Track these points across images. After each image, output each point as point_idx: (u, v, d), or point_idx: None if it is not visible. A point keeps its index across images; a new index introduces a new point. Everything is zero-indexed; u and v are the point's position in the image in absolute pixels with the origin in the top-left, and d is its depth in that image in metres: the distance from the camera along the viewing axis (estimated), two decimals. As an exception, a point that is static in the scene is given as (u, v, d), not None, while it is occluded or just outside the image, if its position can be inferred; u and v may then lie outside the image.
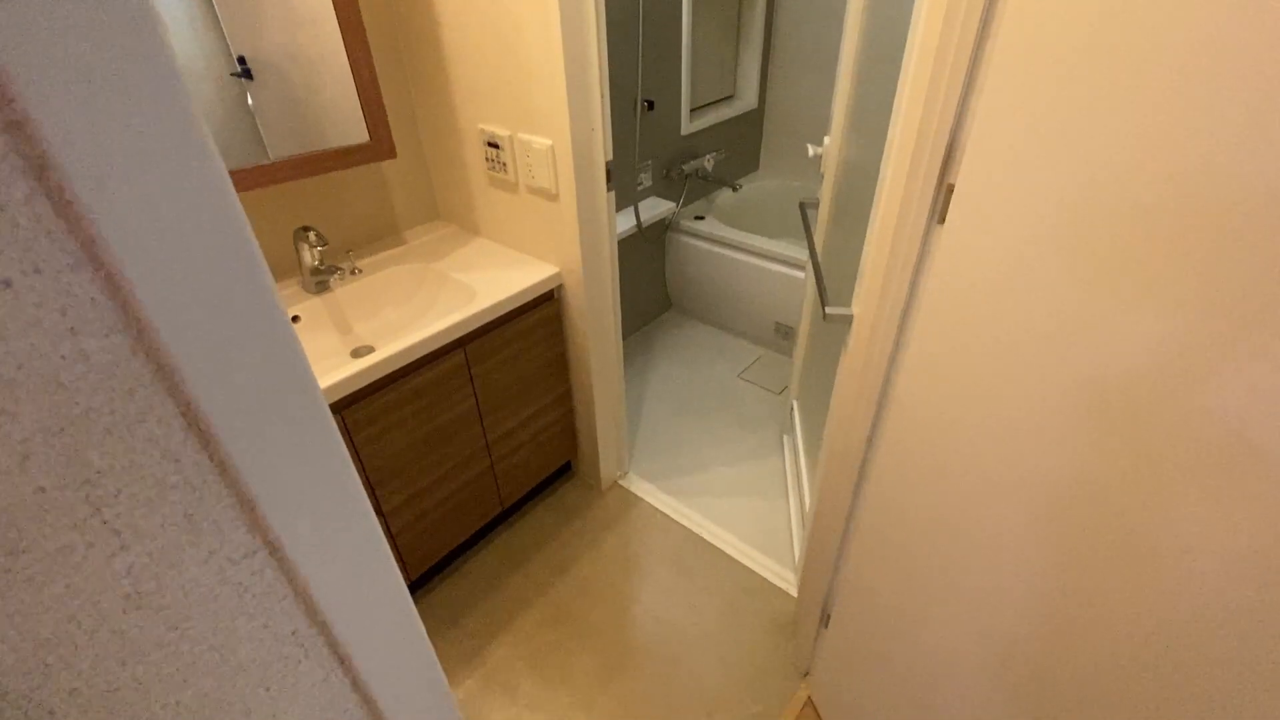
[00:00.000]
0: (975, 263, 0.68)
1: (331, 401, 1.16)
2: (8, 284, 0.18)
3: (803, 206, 1.55)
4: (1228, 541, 0.56)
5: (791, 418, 2.06)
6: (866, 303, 0.88)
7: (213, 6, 1.17)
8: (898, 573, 0.97)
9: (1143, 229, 0.54)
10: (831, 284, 1.48)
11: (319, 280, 1.40)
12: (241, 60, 1.25)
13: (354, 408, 1.21)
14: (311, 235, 1.34)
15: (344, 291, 1.44)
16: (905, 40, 0.75)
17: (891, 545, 0.96)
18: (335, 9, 1.27)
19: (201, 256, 0.22)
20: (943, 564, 0.87)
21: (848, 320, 0.98)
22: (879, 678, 1.11)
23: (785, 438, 2.11)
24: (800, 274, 2.29)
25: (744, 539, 1.77)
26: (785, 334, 2.47)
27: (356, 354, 1.41)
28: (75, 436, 0.21)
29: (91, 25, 0.18)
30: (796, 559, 1.68)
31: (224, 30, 1.20)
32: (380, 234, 1.63)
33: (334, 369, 1.17)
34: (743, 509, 1.86)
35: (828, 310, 1.01)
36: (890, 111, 0.80)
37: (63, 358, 0.20)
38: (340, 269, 1.43)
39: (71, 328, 0.20)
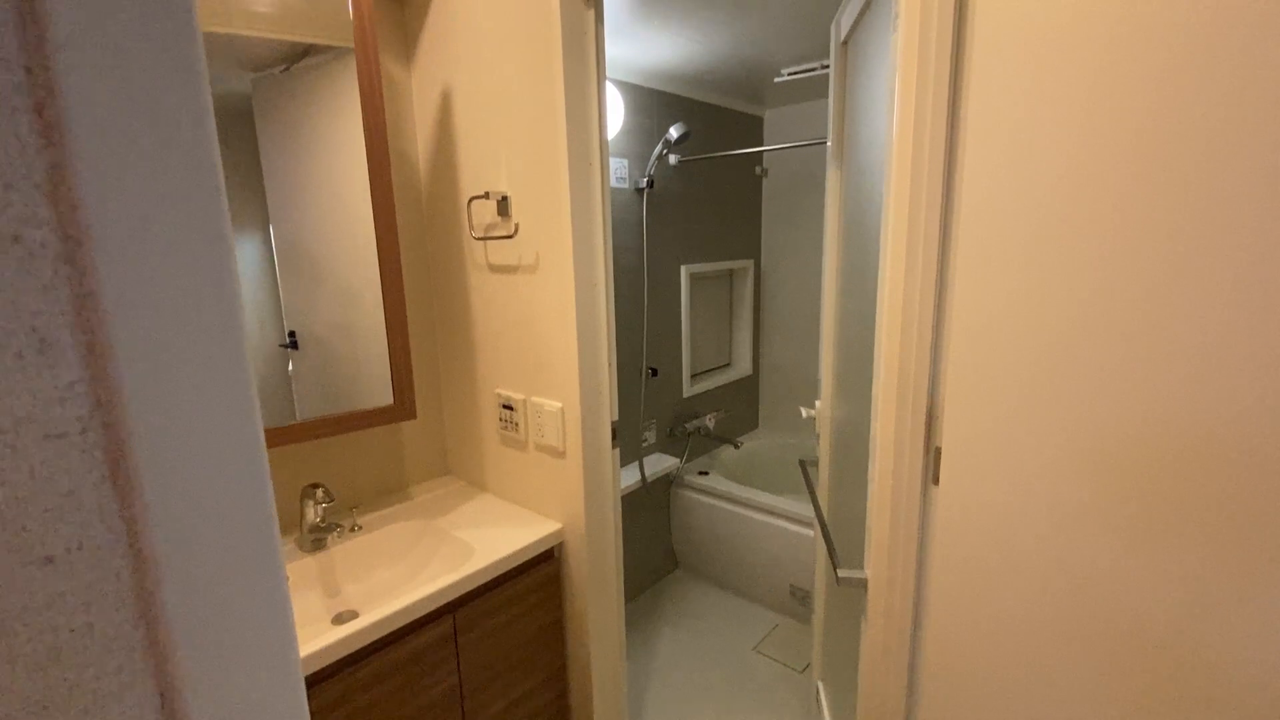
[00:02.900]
0: (976, 522, 0.68)
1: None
2: (50, 560, 0.19)
3: (803, 464, 1.59)
4: None
5: (818, 702, 1.81)
6: (877, 567, 0.85)
7: (277, 289, 1.38)
8: None
9: (1124, 478, 0.56)
10: (841, 543, 1.44)
11: (316, 539, 1.38)
12: (291, 334, 1.43)
13: (321, 686, 1.08)
14: (319, 492, 1.36)
15: (340, 550, 1.40)
16: (875, 317, 0.86)
17: None
18: (382, 290, 1.48)
19: (227, 547, 0.24)
20: None
21: (862, 584, 0.94)
22: None
23: (812, 728, 1.82)
24: (810, 532, 2.24)
25: None
26: (802, 599, 2.31)
27: (339, 620, 1.31)
28: (53, 715, 0.20)
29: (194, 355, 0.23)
30: None
31: (282, 309, 1.40)
32: (389, 489, 1.66)
33: (308, 639, 1.08)
34: (769, 829, 1.52)
35: (840, 573, 0.97)
36: (872, 378, 0.89)
37: (71, 631, 0.20)
38: (340, 526, 1.42)
39: (88, 603, 0.20)
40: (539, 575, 1.47)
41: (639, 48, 2.06)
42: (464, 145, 1.49)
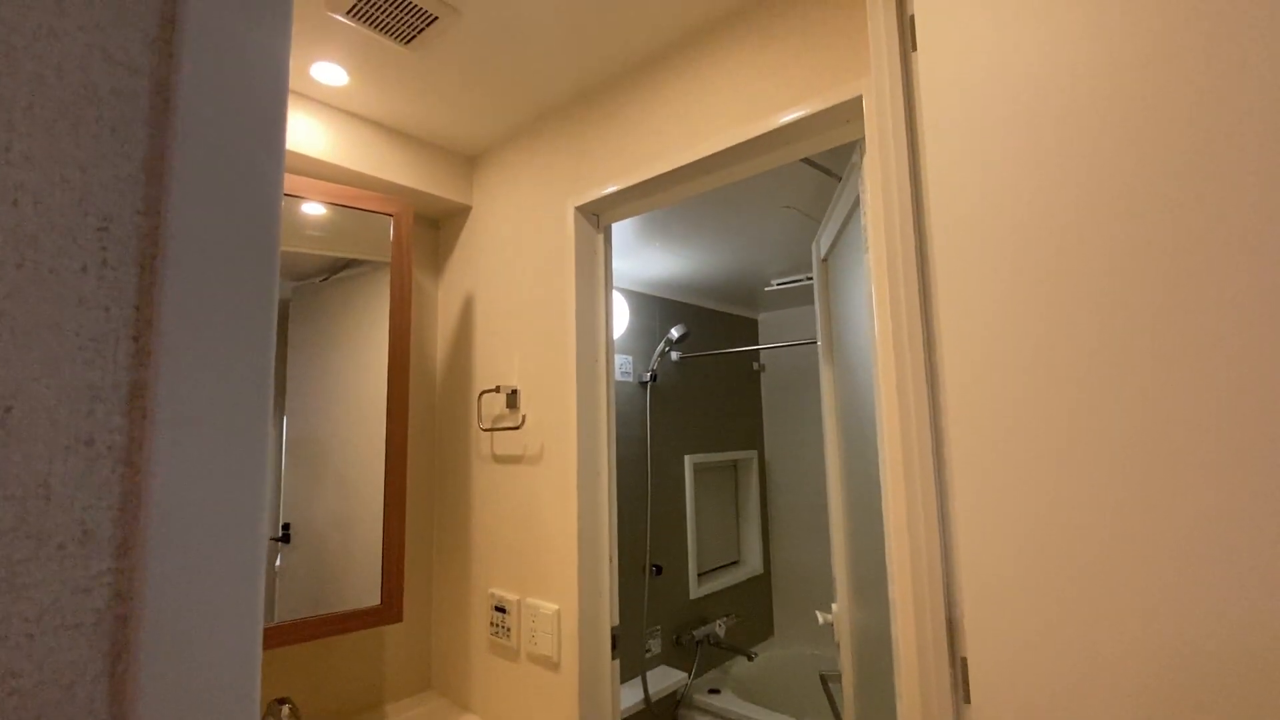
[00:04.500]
0: (1025, 755, 0.60)
1: None
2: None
3: (824, 680, 1.44)
4: None
5: None
6: (918, 810, 0.73)
7: (279, 482, 1.38)
8: None
9: (1207, 702, 0.50)
10: (875, 782, 1.24)
11: (272, 768, 1.20)
12: (285, 527, 1.39)
13: None
14: (285, 710, 1.22)
15: (295, 785, 1.21)
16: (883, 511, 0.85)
17: None
18: (385, 481, 1.47)
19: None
20: None
21: (903, 837, 0.79)
22: None
23: None
24: (837, 767, 1.93)
25: None
26: None
27: None
28: None
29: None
30: None
31: (281, 501, 1.38)
32: (364, 705, 1.48)
33: None
34: None
35: (875, 821, 0.83)
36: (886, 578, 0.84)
37: None
38: (302, 753, 1.24)
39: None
40: (523, 823, 1.24)
41: (643, 263, 2.31)
42: (480, 343, 1.60)
